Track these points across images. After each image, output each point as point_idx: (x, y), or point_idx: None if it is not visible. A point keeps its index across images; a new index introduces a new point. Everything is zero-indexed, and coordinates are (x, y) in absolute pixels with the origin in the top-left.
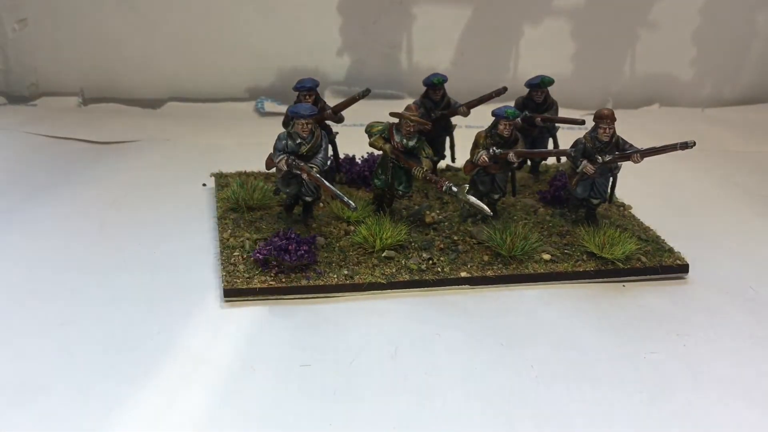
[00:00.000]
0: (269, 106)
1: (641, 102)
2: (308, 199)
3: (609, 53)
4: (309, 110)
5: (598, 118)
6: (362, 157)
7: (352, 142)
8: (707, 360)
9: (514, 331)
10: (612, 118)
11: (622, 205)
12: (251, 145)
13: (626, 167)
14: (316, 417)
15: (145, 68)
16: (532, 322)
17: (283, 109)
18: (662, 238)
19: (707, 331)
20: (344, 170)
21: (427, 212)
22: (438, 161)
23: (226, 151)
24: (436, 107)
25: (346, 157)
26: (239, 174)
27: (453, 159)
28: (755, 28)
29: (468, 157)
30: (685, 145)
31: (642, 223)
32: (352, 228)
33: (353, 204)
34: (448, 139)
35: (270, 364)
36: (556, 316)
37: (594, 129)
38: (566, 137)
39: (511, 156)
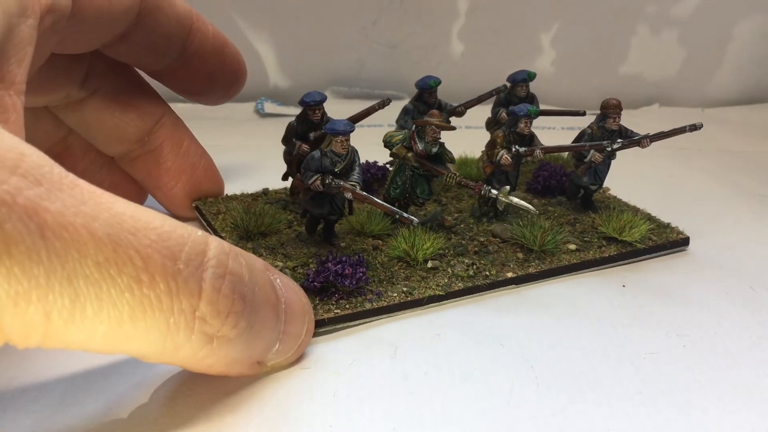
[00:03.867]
0: (269, 106)
1: (641, 102)
2: (333, 218)
3: (609, 53)
4: (348, 126)
5: (607, 108)
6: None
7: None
8: (707, 360)
9: (514, 332)
10: (620, 108)
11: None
12: (251, 147)
13: (626, 169)
14: (316, 418)
15: None
16: (531, 323)
17: (283, 110)
18: (653, 214)
19: (707, 332)
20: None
21: (444, 216)
22: None
23: (226, 152)
24: (430, 110)
25: None
26: (226, 198)
27: None
28: (758, 30)
29: (476, 157)
30: (694, 127)
31: (627, 202)
32: (381, 242)
33: (415, 219)
34: None
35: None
36: (555, 316)
37: (601, 119)
38: (556, 135)
39: (538, 153)
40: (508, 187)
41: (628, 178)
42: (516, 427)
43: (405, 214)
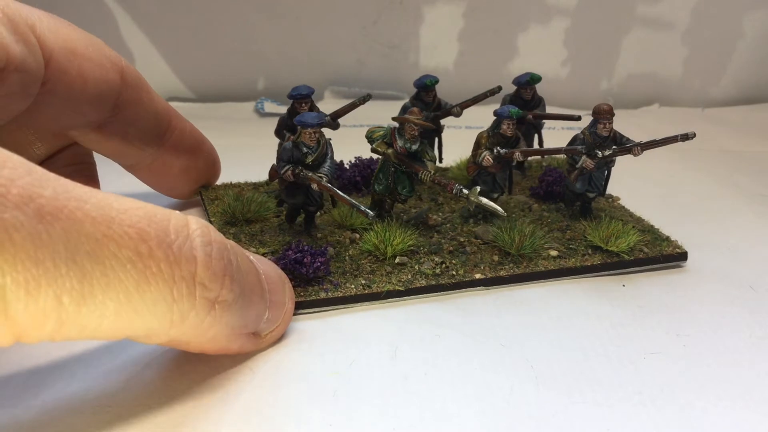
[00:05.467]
0: (269, 106)
1: (641, 102)
2: (312, 209)
3: (608, 52)
4: (316, 119)
5: (598, 113)
6: (350, 162)
7: (348, 144)
8: (707, 360)
9: (514, 332)
10: (611, 113)
11: (611, 196)
12: (251, 146)
13: (625, 170)
14: (315, 418)
15: (145, 68)
16: (531, 323)
17: (283, 109)
18: (656, 227)
19: (707, 332)
20: (336, 176)
21: (430, 215)
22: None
23: (226, 151)
24: (428, 109)
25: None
26: (226, 186)
27: (440, 160)
28: (759, 30)
29: (466, 157)
30: (686, 137)
31: (633, 213)
32: (358, 235)
33: (371, 212)
34: (436, 140)
35: (269, 366)
36: (555, 317)
37: (593, 124)
38: (557, 135)
39: (518, 155)
40: (478, 188)
41: (629, 179)
42: (516, 427)
43: (362, 207)
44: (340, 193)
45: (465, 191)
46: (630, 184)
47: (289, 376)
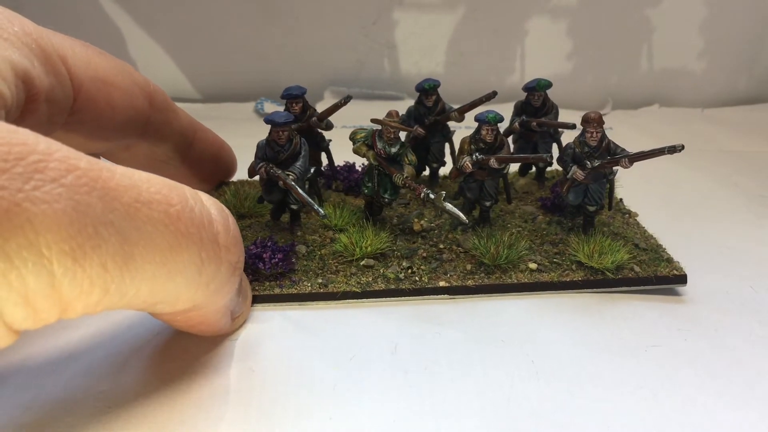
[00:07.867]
0: (269, 106)
1: (641, 102)
2: (294, 207)
3: (610, 54)
4: (283, 118)
5: (585, 122)
6: (363, 164)
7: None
8: (708, 357)
9: (515, 327)
10: (599, 122)
11: (628, 212)
12: (251, 147)
13: (626, 169)
14: (316, 411)
15: (145, 68)
16: (532, 318)
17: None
18: (663, 246)
19: (708, 329)
20: (341, 178)
21: (416, 220)
22: (438, 168)
23: None
24: (430, 113)
25: (346, 164)
26: (242, 182)
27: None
28: (759, 30)
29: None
30: (673, 149)
31: (645, 230)
32: (338, 236)
33: (323, 211)
34: (447, 145)
35: (269, 363)
36: (556, 312)
37: (582, 133)
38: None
39: (493, 161)
40: (444, 193)
41: (628, 179)
42: (516, 423)
43: (316, 206)
44: (300, 191)
45: (431, 195)
46: (642, 194)
47: (289, 372)
